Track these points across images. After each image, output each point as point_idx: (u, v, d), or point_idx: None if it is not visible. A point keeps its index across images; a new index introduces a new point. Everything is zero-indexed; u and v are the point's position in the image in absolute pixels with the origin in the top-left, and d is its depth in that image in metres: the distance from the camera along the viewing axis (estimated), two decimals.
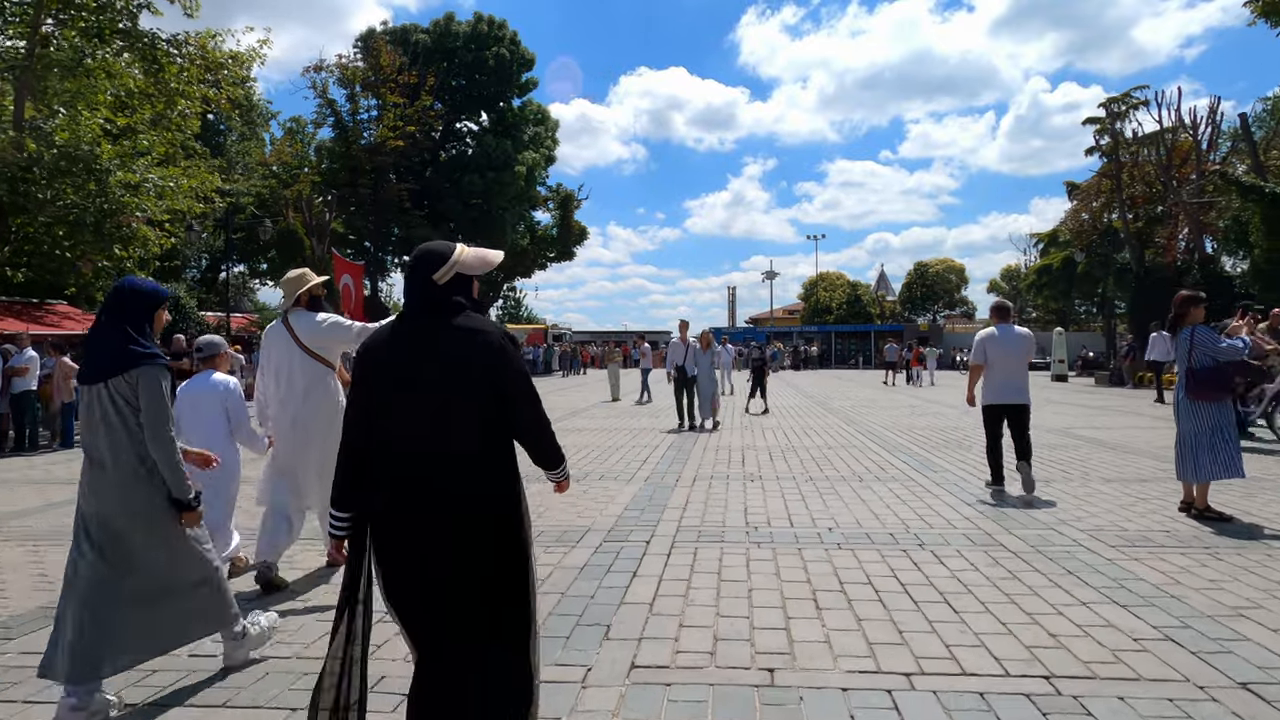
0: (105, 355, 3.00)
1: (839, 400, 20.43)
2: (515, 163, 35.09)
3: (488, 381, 2.20)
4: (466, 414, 2.19)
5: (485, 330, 2.24)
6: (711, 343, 13.41)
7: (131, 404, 2.99)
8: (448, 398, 2.18)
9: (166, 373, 3.08)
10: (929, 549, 5.23)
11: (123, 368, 2.98)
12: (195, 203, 19.81)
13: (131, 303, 3.07)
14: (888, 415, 15.56)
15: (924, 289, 66.54)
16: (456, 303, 2.27)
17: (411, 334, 2.24)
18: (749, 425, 13.85)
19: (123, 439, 3.00)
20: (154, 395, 2.99)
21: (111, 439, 3.00)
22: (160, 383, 3.02)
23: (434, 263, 2.28)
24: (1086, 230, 34.42)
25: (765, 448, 10.72)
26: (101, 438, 3.00)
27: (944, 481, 7.85)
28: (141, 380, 2.98)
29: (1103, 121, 43.22)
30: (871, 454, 9.88)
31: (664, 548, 5.36)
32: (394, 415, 2.21)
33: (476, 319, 2.27)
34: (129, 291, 3.10)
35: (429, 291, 2.27)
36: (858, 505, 6.72)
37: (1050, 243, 48.17)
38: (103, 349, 3.02)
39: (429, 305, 2.26)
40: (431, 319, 2.25)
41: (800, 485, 7.75)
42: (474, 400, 2.19)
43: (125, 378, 2.98)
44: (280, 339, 4.62)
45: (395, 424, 2.21)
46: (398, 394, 2.21)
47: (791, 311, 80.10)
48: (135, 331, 3.03)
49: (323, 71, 32.55)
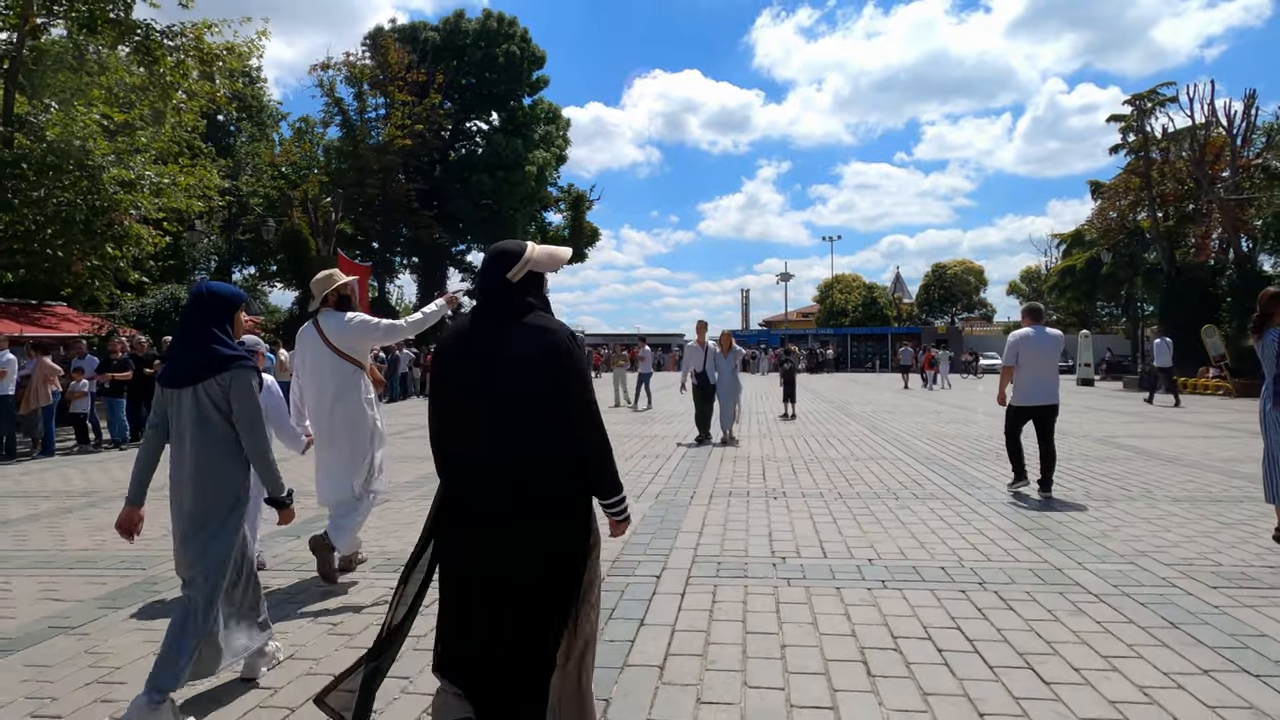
0: (195, 359, 3.02)
1: (859, 405, 19.56)
2: (525, 162, 34.39)
3: (550, 381, 2.22)
4: (531, 413, 2.22)
5: (552, 329, 2.27)
6: (734, 345, 11.99)
7: (221, 406, 3.03)
8: (512, 395, 2.23)
9: (256, 373, 3.14)
10: (992, 589, 4.41)
11: (215, 370, 3.00)
12: (194, 201, 19.23)
13: (213, 306, 3.10)
14: (913, 422, 14.69)
15: (942, 291, 65.43)
16: (527, 302, 2.32)
17: (482, 331, 2.30)
18: (768, 433, 13.02)
19: (207, 440, 3.02)
20: (247, 396, 3.04)
21: (197, 440, 3.01)
22: (251, 383, 3.07)
23: (508, 261, 2.33)
24: (1114, 230, 33.30)
25: (787, 458, 9.90)
26: (187, 440, 3.02)
27: (990, 500, 7.01)
28: (234, 382, 3.02)
29: (1128, 119, 42.14)
30: (903, 466, 9.05)
31: (677, 584, 4.57)
32: (461, 411, 2.30)
33: (544, 318, 2.31)
34: (210, 295, 3.13)
35: (502, 289, 2.32)
36: (898, 530, 5.90)
37: (1073, 243, 47.00)
38: (192, 353, 3.04)
39: (501, 303, 2.31)
40: (502, 317, 2.30)
41: (829, 504, 6.93)
42: (537, 399, 2.22)
43: (218, 380, 3.01)
44: (312, 341, 4.66)
45: (461, 420, 2.30)
46: (466, 389, 2.28)
47: (806, 314, 79.18)
48: (221, 333, 3.07)
49: (330, 70, 31.99)
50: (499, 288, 2.31)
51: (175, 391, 3.03)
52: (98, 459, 11.23)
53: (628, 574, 4.78)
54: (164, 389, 3.06)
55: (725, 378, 11.75)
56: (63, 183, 15.09)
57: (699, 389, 11.86)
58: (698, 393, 11.89)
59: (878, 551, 5.27)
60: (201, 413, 3.01)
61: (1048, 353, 7.13)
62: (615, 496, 2.41)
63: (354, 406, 4.64)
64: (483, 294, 2.38)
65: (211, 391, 3.00)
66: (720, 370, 11.72)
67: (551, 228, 45.36)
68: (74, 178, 15.50)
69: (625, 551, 5.31)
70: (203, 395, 3.00)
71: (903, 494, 7.36)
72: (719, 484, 8.06)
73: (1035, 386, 7.11)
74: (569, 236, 44.67)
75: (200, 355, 3.01)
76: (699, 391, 11.87)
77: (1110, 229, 33.22)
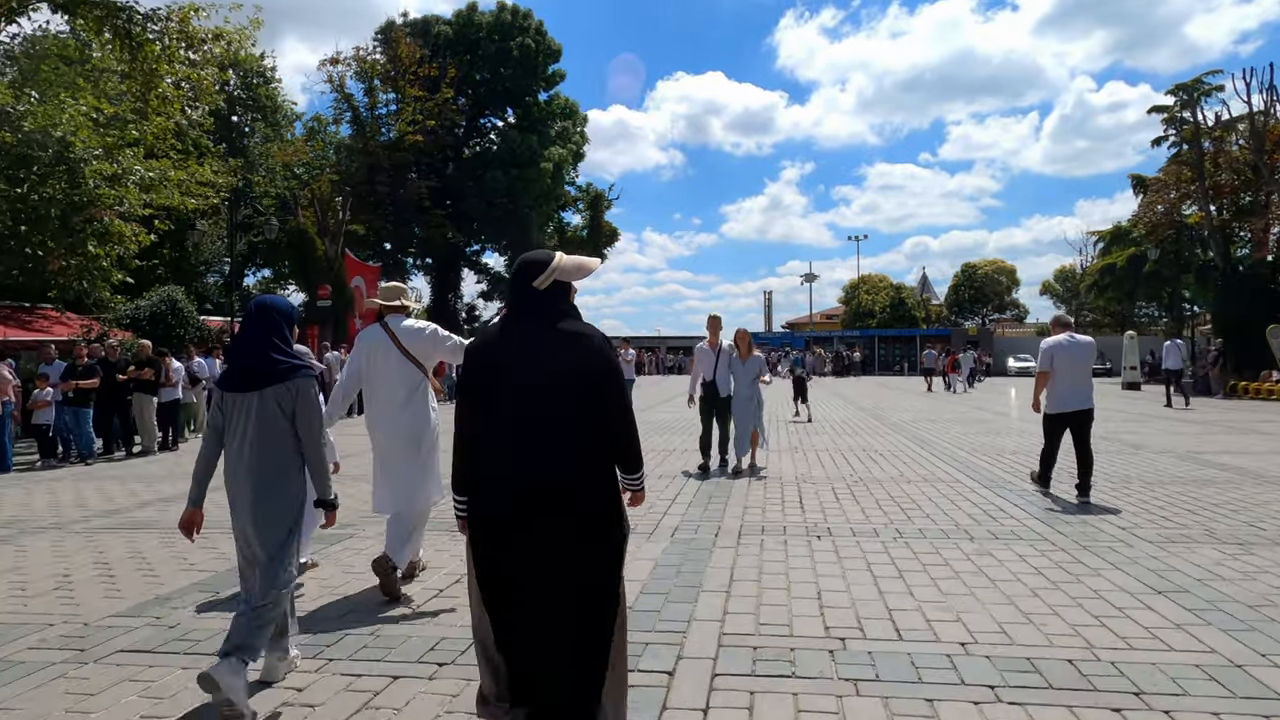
0: (261, 367, 3.18)
1: (895, 412, 18.06)
2: (541, 159, 33.17)
3: (587, 383, 2.33)
4: (565, 413, 2.32)
5: (587, 334, 2.40)
6: (753, 348, 9.32)
7: (285, 411, 3.18)
8: (549, 396, 2.32)
9: (317, 381, 3.32)
10: (1158, 707, 3.01)
11: (281, 378, 3.17)
12: (187, 197, 18.18)
13: (273, 318, 3.28)
14: (960, 433, 13.21)
15: (972, 291, 63.45)
16: (559, 308, 2.43)
17: (518, 335, 2.40)
18: (798, 445, 11.62)
19: (270, 443, 3.15)
20: (310, 403, 3.23)
21: (259, 443, 3.14)
22: (314, 392, 3.27)
23: (534, 270, 2.44)
24: (1162, 225, 31.43)
25: (826, 479, 8.51)
26: (247, 442, 3.14)
27: (1091, 543, 5.58)
28: (299, 390, 3.20)
29: (1171, 109, 40.24)
30: (966, 492, 7.63)
31: (697, 691, 3.22)
32: (497, 411, 2.37)
33: (577, 323, 2.43)
34: (271, 309, 3.31)
35: (530, 297, 2.43)
36: (988, 590, 4.51)
37: (1112, 240, 45.00)
38: (256, 361, 3.20)
39: (531, 309, 2.42)
40: (534, 322, 2.41)
41: (889, 547, 5.55)
42: (573, 399, 2.32)
43: (286, 386, 3.18)
44: (381, 342, 4.66)
45: (498, 419, 2.36)
46: (502, 391, 2.36)
47: (830, 316, 77.61)
48: (282, 343, 3.26)
49: (339, 65, 30.99)
50: (527, 295, 2.41)
51: (238, 396, 3.17)
52: (55, 476, 10.09)
53: (630, 665, 3.45)
54: (225, 393, 3.20)
55: (742, 390, 9.10)
56: (38, 176, 14.06)
57: (706, 401, 9.25)
58: (704, 407, 9.29)
59: (970, 629, 3.88)
60: (266, 417, 3.15)
61: (1081, 359, 7.27)
62: (637, 473, 2.55)
63: (423, 411, 4.69)
64: (513, 300, 2.48)
65: (279, 397, 3.17)
66: (736, 379, 9.15)
67: (570, 228, 44.18)
68: (52, 171, 14.47)
69: (632, 621, 3.98)
70: (270, 401, 3.16)
71: (977, 532, 5.96)
72: (748, 515, 6.69)
73: (1071, 393, 7.22)
74: (587, 236, 43.47)
75: (265, 364, 3.18)
76: (706, 405, 9.27)
77: (1158, 224, 31.32)
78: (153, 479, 9.69)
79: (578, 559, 2.29)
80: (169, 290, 21.68)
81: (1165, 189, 30.66)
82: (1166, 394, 20.30)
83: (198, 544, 4.52)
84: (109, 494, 8.60)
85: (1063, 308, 65.34)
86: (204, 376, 15.19)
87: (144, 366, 12.36)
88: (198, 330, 21.93)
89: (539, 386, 2.31)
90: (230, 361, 3.44)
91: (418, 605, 4.40)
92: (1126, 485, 7.99)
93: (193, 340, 21.66)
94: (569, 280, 2.46)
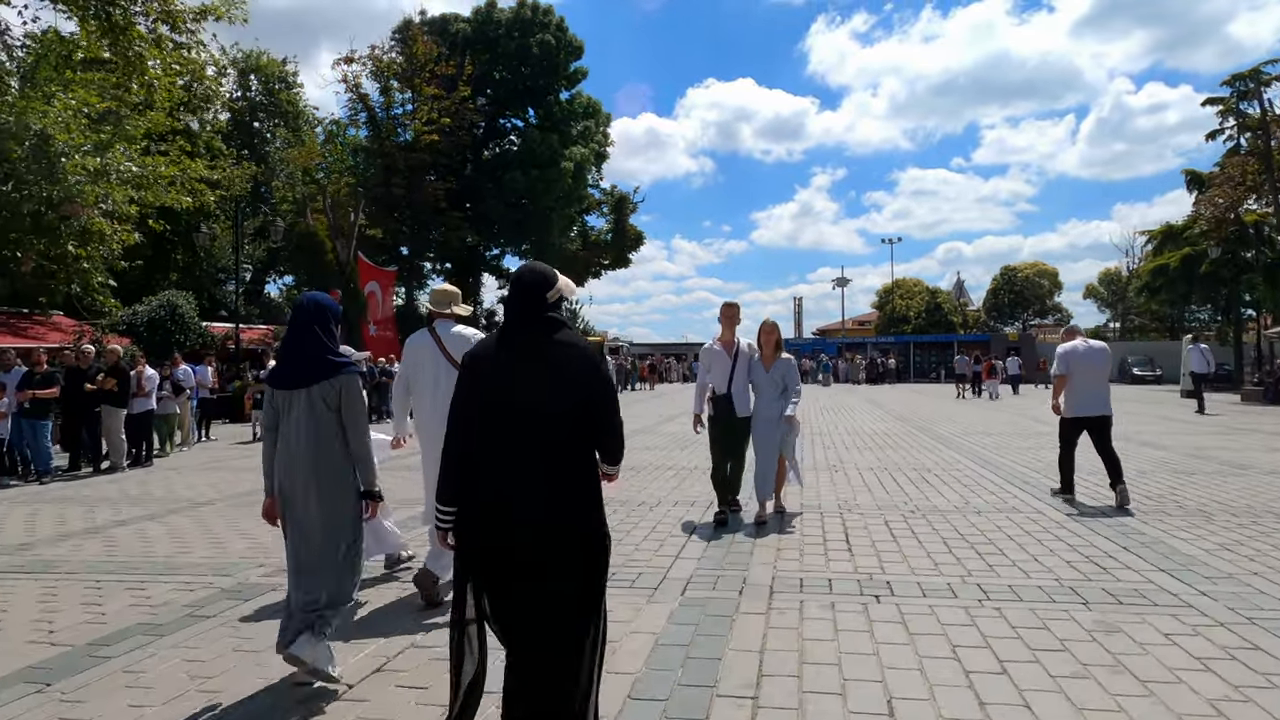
0: (309, 363, 3.33)
1: (941, 423, 16.44)
2: (562, 158, 31.89)
3: (581, 386, 2.42)
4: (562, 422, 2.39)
5: (581, 344, 2.50)
6: (782, 348, 6.75)
7: (331, 406, 3.31)
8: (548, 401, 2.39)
9: (362, 377, 3.49)
10: None
11: (328, 374, 3.31)
12: (182, 195, 17.18)
13: (320, 315, 3.41)
14: (1022, 447, 11.62)
15: (1012, 295, 61.09)
16: (559, 320, 2.53)
17: (522, 344, 2.46)
18: (838, 462, 10.13)
19: (321, 437, 3.28)
20: (355, 399, 3.36)
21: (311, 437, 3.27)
22: (359, 388, 3.40)
23: (546, 283, 2.53)
24: (1226, 221, 29.32)
25: (875, 508, 7.04)
26: (297, 432, 3.28)
27: (1274, 624, 4.08)
28: (345, 387, 3.33)
29: (1227, 101, 38.03)
30: (1055, 528, 6.12)
31: None
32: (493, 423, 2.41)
33: (573, 334, 2.54)
34: (316, 306, 3.45)
35: (541, 308, 2.49)
36: (1148, 712, 3.04)
37: (1164, 241, 42.68)
38: (304, 358, 3.35)
39: (539, 320, 2.48)
40: (539, 332, 2.47)
41: (975, 615, 4.08)
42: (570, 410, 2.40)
43: (332, 383, 3.31)
44: (428, 349, 4.67)
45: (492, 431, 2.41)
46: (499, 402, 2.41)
47: (863, 322, 75.65)
48: (329, 340, 3.38)
49: (354, 64, 30.06)
50: (538, 306, 2.48)
51: (289, 393, 3.32)
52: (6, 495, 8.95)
53: None
54: (275, 390, 3.36)
55: (765, 406, 6.53)
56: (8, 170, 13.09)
57: (719, 424, 6.61)
58: (717, 430, 6.62)
59: None
60: (315, 413, 3.29)
61: (1098, 365, 7.33)
62: (617, 465, 2.63)
63: None
64: (519, 311, 2.51)
65: (326, 393, 3.30)
66: (759, 392, 6.55)
67: (594, 231, 42.96)
68: (27, 165, 13.50)
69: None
70: (318, 397, 3.30)
71: (1089, 591, 4.46)
72: (782, 561, 5.26)
73: (1089, 398, 7.27)
74: (611, 240, 42.22)
75: (313, 361, 3.32)
76: (720, 429, 6.60)
77: (1222, 219, 29.22)
78: (97, 502, 8.49)
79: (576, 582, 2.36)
80: (170, 295, 20.74)
81: (1229, 183, 28.53)
82: (1200, 400, 19.65)
83: None
84: (35, 523, 7.39)
85: (1108, 312, 62.84)
86: (189, 385, 14.11)
87: (111, 375, 11.21)
88: (200, 337, 20.99)
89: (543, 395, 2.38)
90: (280, 359, 3.55)
91: None
92: (1257, 520, 6.41)
93: (195, 347, 20.75)
94: (564, 297, 2.57)
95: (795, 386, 6.55)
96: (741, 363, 6.51)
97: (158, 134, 18.98)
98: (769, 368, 6.53)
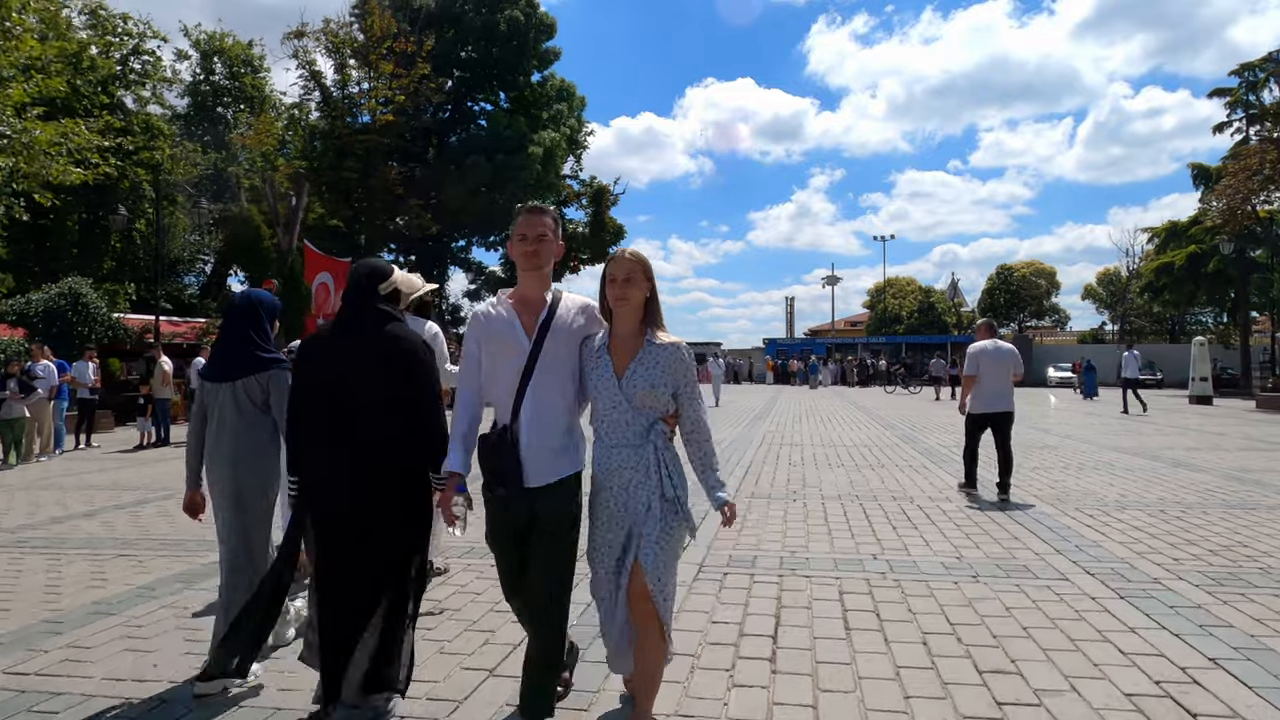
0: (235, 358, 3.37)
1: (931, 434, 14.37)
2: (530, 143, 29.80)
3: (403, 379, 2.71)
4: (381, 405, 2.70)
5: (408, 337, 2.77)
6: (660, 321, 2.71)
7: (255, 402, 3.35)
8: (369, 392, 2.70)
9: (288, 374, 3.35)
10: None
11: (253, 369, 3.34)
12: (70, 166, 15.05)
13: (254, 311, 3.46)
14: (1033, 469, 9.58)
15: (1008, 295, 59.16)
16: (388, 312, 2.81)
17: (348, 339, 2.77)
18: (799, 483, 8.07)
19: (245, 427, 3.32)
20: (282, 393, 3.32)
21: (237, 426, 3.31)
22: (287, 382, 3.29)
23: (380, 276, 2.85)
24: (1241, 214, 27.36)
25: (830, 563, 4.97)
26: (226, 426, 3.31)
27: None
28: (272, 382, 3.35)
29: (1235, 92, 36.12)
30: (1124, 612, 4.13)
31: None
32: (320, 408, 2.75)
33: (401, 327, 2.80)
34: (249, 301, 3.50)
35: (372, 300, 2.79)
36: None
37: (1168, 239, 40.79)
38: (232, 352, 3.40)
39: (368, 312, 2.79)
40: (369, 323, 2.77)
41: None
42: (391, 394, 2.70)
43: (258, 378, 3.34)
44: None
45: (318, 416, 2.75)
46: (327, 389, 2.74)
47: (855, 323, 73.86)
48: (260, 338, 3.42)
49: (305, 38, 27.93)
50: (369, 299, 2.79)
51: (215, 385, 3.36)
52: None
53: None
54: (204, 382, 3.41)
55: (617, 463, 2.64)
56: None
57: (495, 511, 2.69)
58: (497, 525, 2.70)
59: None
60: (238, 406, 3.32)
61: (1003, 365, 7.67)
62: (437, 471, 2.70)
63: None
64: (353, 302, 2.80)
65: (250, 389, 3.33)
66: (600, 425, 2.70)
67: (572, 224, 40.83)
68: None
69: None
70: (242, 391, 3.33)
71: None
72: None
73: (993, 396, 7.66)
74: (590, 233, 40.09)
75: (241, 356, 3.37)
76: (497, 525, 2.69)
77: (1235, 211, 27.27)
78: None
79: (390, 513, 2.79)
80: (72, 282, 18.57)
81: (1243, 172, 26.56)
82: (1125, 401, 20.72)
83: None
84: None
85: (1106, 313, 60.98)
86: (48, 385, 12.01)
87: None
88: (109, 330, 18.83)
89: (367, 382, 2.78)
90: (212, 352, 3.61)
91: None
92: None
93: (104, 341, 18.61)
94: (399, 289, 2.93)
95: (698, 414, 2.71)
96: (559, 354, 2.69)
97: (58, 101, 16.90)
98: (622, 374, 2.64)
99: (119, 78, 27.68)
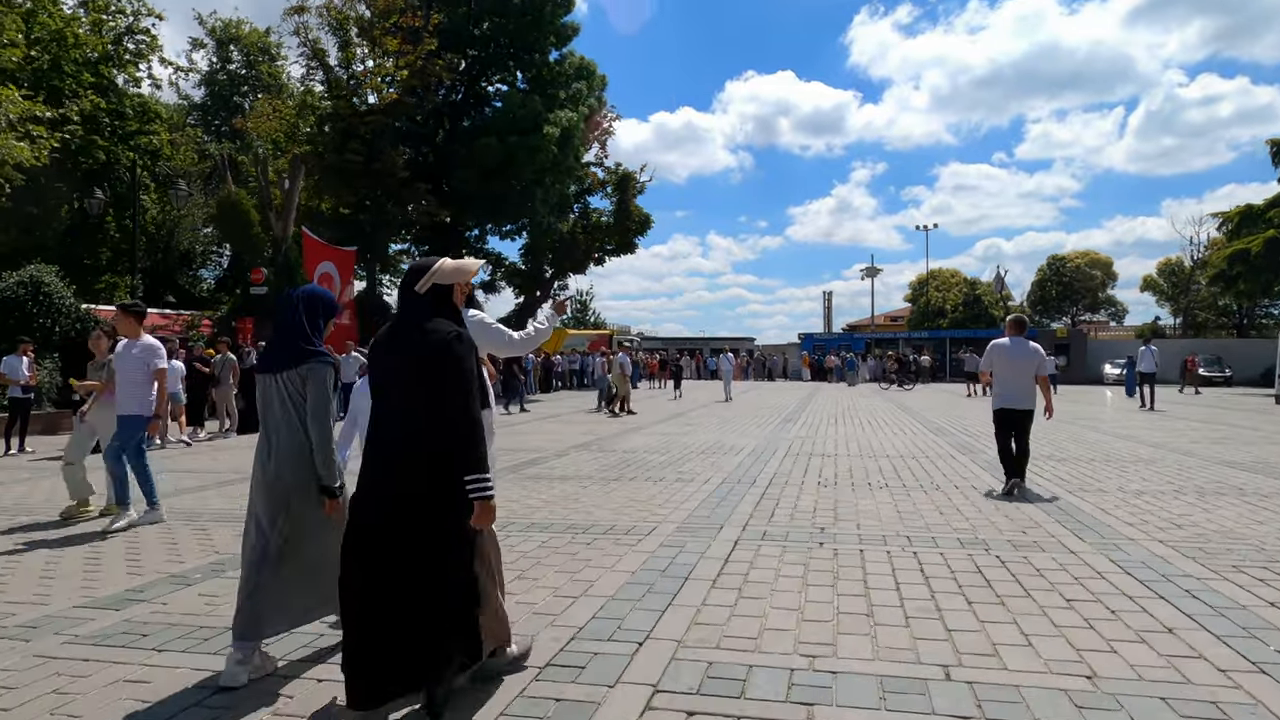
0: (280, 350, 3.38)
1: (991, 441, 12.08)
2: (546, 123, 27.80)
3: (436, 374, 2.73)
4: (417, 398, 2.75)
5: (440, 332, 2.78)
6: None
7: (296, 395, 3.32)
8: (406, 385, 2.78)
9: (332, 370, 3.42)
10: None
11: (296, 362, 3.32)
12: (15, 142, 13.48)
13: (308, 305, 3.44)
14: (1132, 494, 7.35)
15: (1060, 288, 55.80)
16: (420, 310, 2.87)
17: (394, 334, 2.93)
18: (829, 515, 5.97)
19: (291, 422, 3.31)
20: (319, 388, 3.33)
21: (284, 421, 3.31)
22: (325, 378, 3.36)
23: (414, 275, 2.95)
24: None
25: (861, 658, 2.89)
26: (274, 419, 3.33)
27: None
28: (310, 376, 3.32)
29: None
30: None
31: None
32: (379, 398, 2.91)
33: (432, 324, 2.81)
34: (303, 296, 3.50)
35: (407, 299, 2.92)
36: None
37: (1241, 224, 37.43)
38: (279, 344, 3.41)
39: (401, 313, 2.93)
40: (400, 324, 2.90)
41: None
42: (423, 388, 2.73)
43: (298, 371, 3.32)
44: None
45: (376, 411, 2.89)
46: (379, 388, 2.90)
47: (895, 318, 71.07)
48: (312, 331, 3.40)
49: (307, 13, 26.33)
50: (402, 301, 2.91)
51: (264, 377, 3.38)
52: None
53: None
54: (258, 374, 3.44)
55: None
56: None
57: None
58: None
59: None
60: (281, 398, 3.32)
61: (1022, 362, 7.49)
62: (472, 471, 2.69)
63: None
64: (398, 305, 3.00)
65: (292, 381, 3.32)
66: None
67: (595, 213, 38.78)
68: None
69: None
70: (283, 383, 3.33)
71: None
72: None
73: (1009, 393, 7.53)
74: (614, 222, 38.06)
75: (287, 348, 3.36)
76: None
77: None
78: None
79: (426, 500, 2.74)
80: (34, 270, 17.06)
81: None
82: (1141, 396, 20.17)
83: None
84: None
85: (1167, 306, 57.26)
86: None
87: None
88: (76, 321, 17.30)
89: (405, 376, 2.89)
90: (265, 344, 3.73)
91: None
92: None
93: (71, 333, 17.11)
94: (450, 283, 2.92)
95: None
96: None
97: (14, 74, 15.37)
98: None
99: (111, 57, 26.34)
